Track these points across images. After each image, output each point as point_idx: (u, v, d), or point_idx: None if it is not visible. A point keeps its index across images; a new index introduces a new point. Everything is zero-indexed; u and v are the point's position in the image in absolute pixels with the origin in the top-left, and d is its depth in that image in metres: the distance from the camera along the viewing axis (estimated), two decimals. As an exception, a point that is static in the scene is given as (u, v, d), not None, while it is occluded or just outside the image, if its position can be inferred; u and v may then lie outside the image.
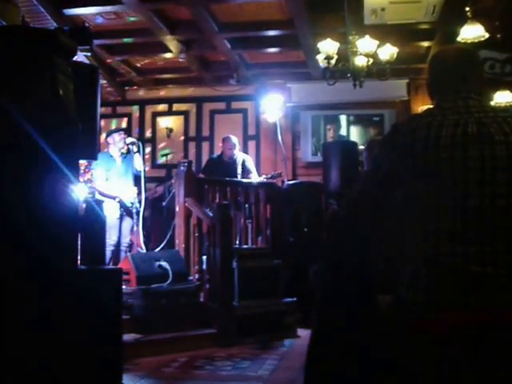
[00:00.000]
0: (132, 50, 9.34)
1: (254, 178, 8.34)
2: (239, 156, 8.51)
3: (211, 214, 6.73)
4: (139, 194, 7.46)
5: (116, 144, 7.70)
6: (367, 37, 6.99)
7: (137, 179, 7.69)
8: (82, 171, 7.99)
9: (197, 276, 6.74)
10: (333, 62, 6.88)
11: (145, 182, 7.53)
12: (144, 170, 7.65)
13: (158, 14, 7.84)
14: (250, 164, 8.56)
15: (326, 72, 7.06)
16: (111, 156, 7.66)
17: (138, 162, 7.62)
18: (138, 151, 7.58)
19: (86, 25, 6.21)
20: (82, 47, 6.14)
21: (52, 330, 3.26)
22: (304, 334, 6.30)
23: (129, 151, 7.70)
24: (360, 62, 7.06)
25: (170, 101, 10.86)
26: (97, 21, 8.05)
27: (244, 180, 8.10)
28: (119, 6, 7.43)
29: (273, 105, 9.84)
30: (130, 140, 7.73)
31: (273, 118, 9.93)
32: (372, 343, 2.65)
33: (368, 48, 6.89)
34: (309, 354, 3.03)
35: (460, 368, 2.13)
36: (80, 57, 6.39)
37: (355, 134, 10.03)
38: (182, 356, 5.61)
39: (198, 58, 9.68)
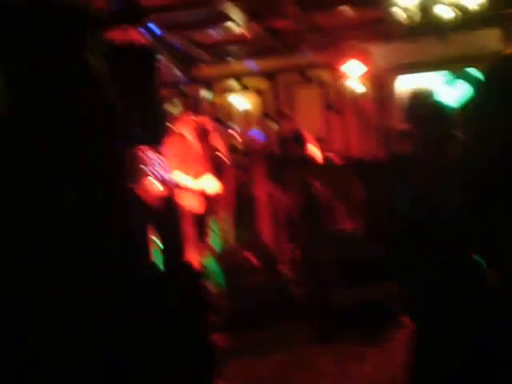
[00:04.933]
0: (194, 25, 9.47)
1: None
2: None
3: (299, 199, 6.80)
4: (220, 180, 7.50)
5: (187, 127, 7.70)
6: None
7: (214, 164, 7.73)
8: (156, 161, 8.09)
9: (287, 267, 6.83)
10: (415, 16, 6.81)
11: (225, 167, 7.57)
12: (223, 154, 7.68)
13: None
14: None
15: (406, 30, 6.99)
16: (184, 140, 7.58)
17: (215, 145, 7.64)
18: (214, 133, 7.60)
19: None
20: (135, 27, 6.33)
21: (137, 332, 3.43)
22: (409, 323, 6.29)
23: (203, 133, 7.74)
24: (444, 13, 6.96)
25: (240, 76, 10.94)
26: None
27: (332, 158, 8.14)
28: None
29: (354, 71, 9.80)
30: (202, 120, 7.77)
31: (356, 87, 9.90)
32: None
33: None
34: (414, 352, 3.10)
35: None
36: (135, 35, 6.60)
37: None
38: (276, 354, 5.72)
39: (266, 28, 9.72)
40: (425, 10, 7.16)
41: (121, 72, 5.31)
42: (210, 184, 7.20)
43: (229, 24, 9.29)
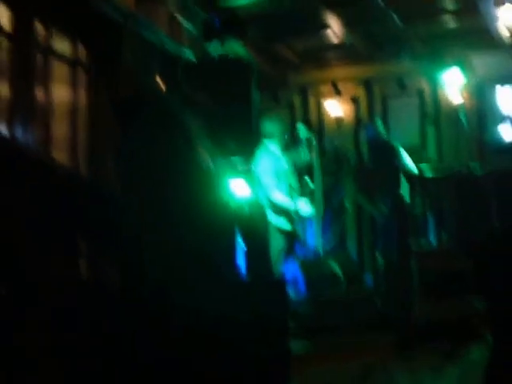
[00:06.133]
0: (291, 32, 9.57)
1: None
2: None
3: (386, 210, 6.81)
4: (311, 192, 7.53)
5: (278, 135, 7.66)
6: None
7: (303, 173, 7.79)
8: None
9: (372, 279, 6.85)
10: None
11: (317, 177, 7.60)
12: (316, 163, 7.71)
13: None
14: None
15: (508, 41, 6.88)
16: (273, 151, 7.53)
17: (307, 155, 7.69)
18: (308, 141, 7.67)
19: (235, 12, 6.52)
20: (235, 38, 6.50)
21: (217, 343, 3.56)
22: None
23: (295, 142, 7.78)
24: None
25: (335, 83, 10.96)
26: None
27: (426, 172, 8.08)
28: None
29: (453, 80, 9.68)
30: (299, 129, 7.80)
31: (454, 95, 9.77)
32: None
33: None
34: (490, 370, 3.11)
35: None
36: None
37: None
38: (355, 367, 5.75)
39: (365, 35, 9.74)
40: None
41: (222, 83, 5.51)
42: (304, 206, 7.19)
43: (327, 31, 9.37)
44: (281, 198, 6.99)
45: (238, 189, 5.50)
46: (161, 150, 2.98)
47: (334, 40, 9.88)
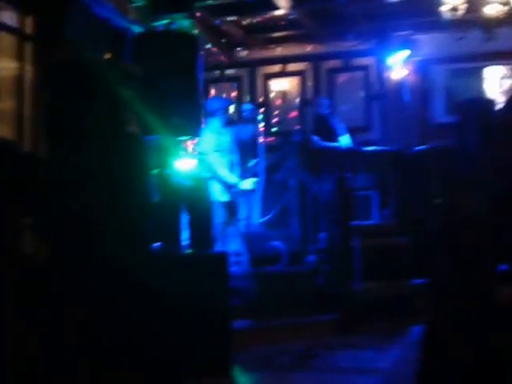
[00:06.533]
0: (239, 9, 9.51)
1: None
2: None
3: (329, 188, 6.84)
4: (256, 165, 7.58)
5: (220, 116, 7.76)
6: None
7: (247, 150, 7.81)
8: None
9: (314, 256, 6.88)
10: (460, 12, 6.77)
11: (263, 153, 7.63)
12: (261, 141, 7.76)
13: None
14: None
15: (452, 23, 6.96)
16: (216, 130, 7.60)
17: (253, 131, 7.73)
18: (255, 118, 7.69)
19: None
20: (182, 12, 6.41)
21: (155, 317, 3.51)
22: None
23: (241, 120, 7.82)
24: (491, 10, 6.90)
25: (283, 61, 10.94)
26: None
27: (367, 148, 8.15)
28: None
29: (398, 60, 9.74)
30: (247, 106, 7.80)
31: (398, 75, 9.84)
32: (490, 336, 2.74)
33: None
34: (424, 346, 3.15)
35: None
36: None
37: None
38: (297, 344, 5.79)
39: (310, 12, 9.72)
40: (472, 4, 7.12)
41: (168, 57, 5.42)
42: (246, 181, 7.33)
43: (275, 9, 9.32)
44: (223, 172, 7.12)
45: (182, 164, 5.49)
46: (82, 115, 2.96)
47: (281, 17, 9.84)
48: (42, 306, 2.83)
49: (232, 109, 7.88)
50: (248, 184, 7.47)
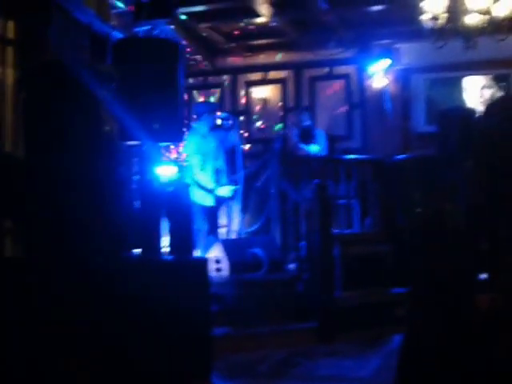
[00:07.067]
0: (221, 16, 9.52)
1: None
2: None
3: (309, 196, 6.84)
4: (235, 173, 7.60)
5: (206, 120, 7.82)
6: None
7: (231, 156, 7.82)
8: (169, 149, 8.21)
9: (294, 264, 6.88)
10: (441, 21, 6.81)
11: (242, 161, 7.65)
12: (241, 147, 7.78)
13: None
14: None
15: (433, 33, 7.00)
16: (201, 135, 7.68)
17: (233, 139, 7.76)
18: (233, 126, 7.71)
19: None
20: (164, 19, 6.39)
21: (136, 323, 3.49)
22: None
23: (222, 127, 7.83)
24: (472, 19, 6.95)
25: (264, 68, 10.97)
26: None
27: (349, 155, 8.18)
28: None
29: (379, 68, 9.79)
30: (223, 115, 7.85)
31: (379, 84, 9.89)
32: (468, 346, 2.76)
33: (482, 4, 6.77)
34: (401, 354, 3.15)
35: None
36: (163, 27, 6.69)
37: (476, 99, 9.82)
38: (277, 352, 5.78)
39: (292, 20, 9.75)
40: (452, 13, 7.16)
41: (149, 63, 5.40)
42: (226, 188, 7.37)
43: (256, 17, 9.35)
44: (201, 177, 7.19)
45: (162, 170, 5.48)
46: (56, 117, 2.96)
47: (262, 25, 9.86)
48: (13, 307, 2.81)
49: (215, 115, 7.87)
50: (225, 191, 7.51)
